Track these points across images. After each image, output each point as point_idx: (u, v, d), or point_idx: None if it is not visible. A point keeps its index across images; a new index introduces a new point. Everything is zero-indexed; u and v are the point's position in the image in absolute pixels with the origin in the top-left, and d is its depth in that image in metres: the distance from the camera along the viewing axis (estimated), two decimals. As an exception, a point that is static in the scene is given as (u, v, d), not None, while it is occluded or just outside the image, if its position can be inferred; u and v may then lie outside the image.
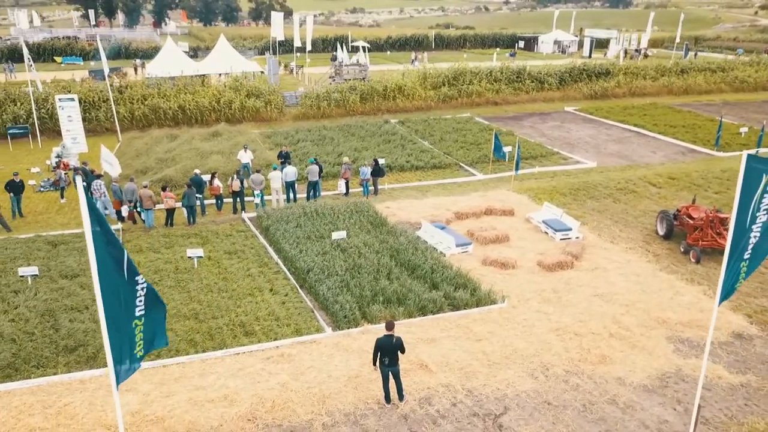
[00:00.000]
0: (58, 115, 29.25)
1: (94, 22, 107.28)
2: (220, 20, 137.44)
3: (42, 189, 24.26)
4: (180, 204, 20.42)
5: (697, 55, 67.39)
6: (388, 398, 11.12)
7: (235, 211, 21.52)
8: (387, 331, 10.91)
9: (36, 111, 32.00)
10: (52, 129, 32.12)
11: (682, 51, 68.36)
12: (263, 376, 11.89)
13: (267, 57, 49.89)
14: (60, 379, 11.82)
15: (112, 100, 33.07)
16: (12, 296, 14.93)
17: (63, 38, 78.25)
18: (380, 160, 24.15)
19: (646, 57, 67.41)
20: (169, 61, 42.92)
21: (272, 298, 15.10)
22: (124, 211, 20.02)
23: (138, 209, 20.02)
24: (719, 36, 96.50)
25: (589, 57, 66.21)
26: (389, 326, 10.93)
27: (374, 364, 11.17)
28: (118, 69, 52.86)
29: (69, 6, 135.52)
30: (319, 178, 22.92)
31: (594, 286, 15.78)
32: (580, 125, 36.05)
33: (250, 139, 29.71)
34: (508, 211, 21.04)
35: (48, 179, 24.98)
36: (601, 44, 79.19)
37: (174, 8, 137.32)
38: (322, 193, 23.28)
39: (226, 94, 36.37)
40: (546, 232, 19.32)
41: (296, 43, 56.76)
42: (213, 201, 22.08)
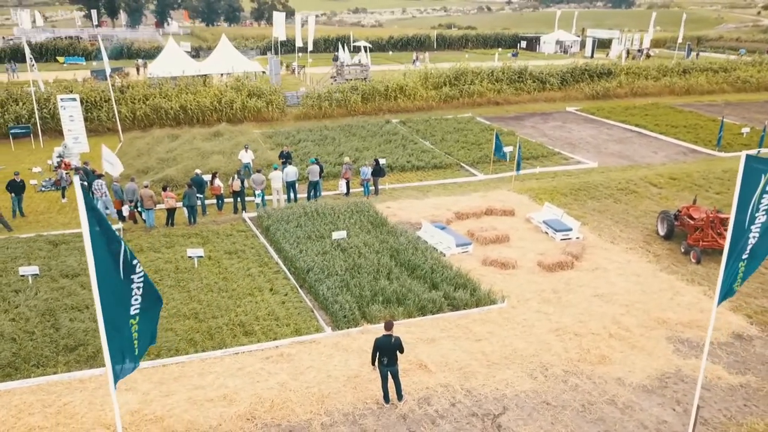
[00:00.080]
0: (60, 114, 29.35)
1: (96, 22, 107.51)
2: (222, 20, 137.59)
3: (43, 189, 24.33)
4: (181, 204, 20.47)
5: (699, 56, 67.28)
6: (386, 398, 11.12)
7: (235, 211, 21.56)
8: (386, 331, 10.91)
9: (38, 111, 32.06)
10: (54, 129, 32.18)
11: (684, 51, 68.28)
12: (262, 376, 11.90)
13: (269, 57, 49.93)
14: (60, 378, 11.85)
15: (114, 100, 33.14)
16: (13, 295, 14.98)
17: (65, 38, 78.45)
18: (381, 160, 24.16)
19: (648, 57, 67.31)
20: (171, 61, 43.00)
21: (272, 298, 15.11)
22: (125, 210, 20.09)
23: (139, 209, 20.07)
24: (721, 36, 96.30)
25: (591, 57, 66.16)
26: (388, 326, 10.93)
27: (373, 364, 11.16)
28: (120, 69, 52.98)
29: (72, 6, 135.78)
30: (320, 178, 22.94)
31: (594, 287, 15.77)
32: (581, 125, 36.01)
33: (251, 139, 29.77)
34: (509, 211, 21.03)
35: (49, 179, 25.04)
36: (603, 44, 79.15)
37: (176, 8, 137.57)
38: (323, 193, 23.31)
39: (227, 94, 36.40)
40: (546, 233, 19.30)
41: (298, 43, 56.85)
42: (214, 201, 22.13)
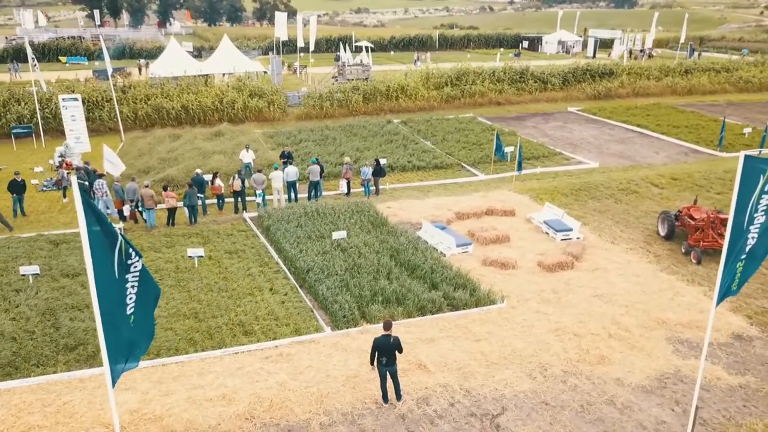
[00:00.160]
0: (62, 114, 29.42)
1: (99, 22, 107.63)
2: (224, 20, 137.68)
3: (45, 188, 24.38)
4: (181, 203, 20.50)
5: (701, 56, 67.15)
6: (385, 398, 11.13)
7: (236, 211, 21.58)
8: (384, 330, 10.92)
9: (40, 111, 32.11)
10: (56, 129, 32.23)
11: (686, 51, 68.13)
12: (262, 376, 11.92)
13: (271, 57, 49.95)
14: (60, 377, 11.88)
15: (116, 100, 33.20)
16: (13, 295, 15.02)
17: (68, 38, 78.56)
18: (382, 160, 24.17)
19: (650, 57, 67.20)
20: (173, 61, 43.03)
21: (272, 298, 15.13)
22: (126, 210, 20.13)
23: (139, 209, 20.11)
24: (724, 36, 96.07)
25: (593, 57, 66.09)
26: (387, 326, 10.94)
27: (372, 364, 11.17)
28: (121, 69, 53.05)
29: (74, 6, 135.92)
30: (321, 178, 22.96)
31: (594, 287, 15.75)
32: (582, 125, 35.97)
33: (252, 139, 29.79)
34: (509, 211, 21.02)
35: (51, 179, 25.10)
36: (605, 44, 79.06)
37: (178, 8, 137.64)
38: (324, 193, 23.32)
39: (229, 94, 36.43)
40: (547, 233, 19.29)
41: (299, 44, 56.86)
42: (215, 200, 22.15)
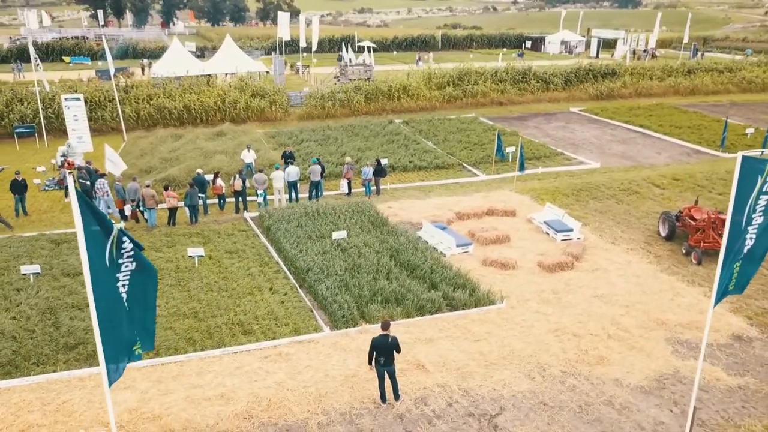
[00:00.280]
0: (64, 114, 29.51)
1: (102, 22, 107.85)
2: (227, 20, 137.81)
3: (47, 188, 24.46)
4: (182, 203, 20.54)
5: (704, 56, 66.96)
6: (383, 398, 11.14)
7: (237, 211, 21.62)
8: (383, 330, 10.94)
9: (42, 110, 32.23)
10: (58, 128, 32.33)
11: (689, 51, 67.94)
12: (260, 375, 11.94)
13: (273, 57, 50.02)
14: (59, 376, 11.93)
15: (118, 100, 33.28)
16: (14, 294, 15.09)
17: (72, 38, 78.71)
18: (383, 160, 24.18)
19: (654, 57, 67.04)
20: (175, 61, 43.16)
21: (271, 298, 15.15)
22: (127, 210, 20.19)
23: (141, 208, 20.16)
24: (728, 36, 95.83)
25: (596, 57, 65.96)
26: (385, 326, 10.96)
27: (370, 364, 11.18)
28: (124, 69, 53.15)
29: (78, 6, 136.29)
30: (322, 178, 22.97)
31: (594, 287, 15.74)
32: (585, 126, 35.92)
33: (254, 139, 29.84)
34: (510, 211, 21.01)
35: (53, 178, 25.19)
36: (608, 44, 78.84)
37: (182, 8, 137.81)
38: (325, 193, 23.34)
39: (231, 94, 36.49)
40: (547, 233, 19.28)
41: (302, 44, 56.94)
42: (216, 200, 22.19)
